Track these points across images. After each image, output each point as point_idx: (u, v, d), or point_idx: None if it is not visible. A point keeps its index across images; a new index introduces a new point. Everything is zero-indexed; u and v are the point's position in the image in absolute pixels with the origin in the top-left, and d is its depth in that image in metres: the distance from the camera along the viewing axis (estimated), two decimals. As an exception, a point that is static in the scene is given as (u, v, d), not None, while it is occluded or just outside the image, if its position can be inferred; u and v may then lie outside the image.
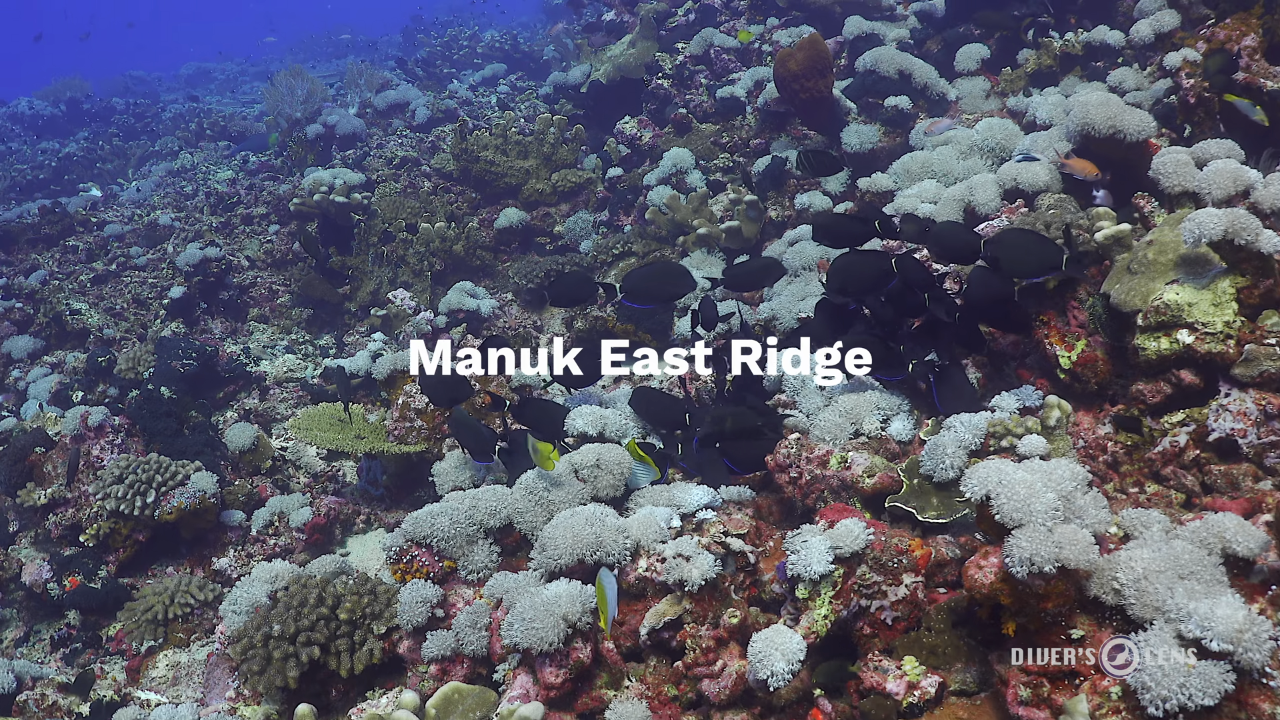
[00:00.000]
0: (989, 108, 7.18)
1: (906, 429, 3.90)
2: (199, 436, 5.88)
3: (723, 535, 3.37)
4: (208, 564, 5.41)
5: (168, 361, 7.01)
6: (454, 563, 3.67)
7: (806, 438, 3.82)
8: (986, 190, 5.21)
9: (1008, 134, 6.09)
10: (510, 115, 9.27)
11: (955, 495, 3.47)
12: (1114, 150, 4.97)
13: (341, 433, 5.40)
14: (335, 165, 9.92)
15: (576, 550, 3.28)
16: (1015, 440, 3.49)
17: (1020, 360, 4.52)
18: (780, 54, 6.73)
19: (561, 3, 19.91)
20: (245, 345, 7.75)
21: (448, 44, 16.16)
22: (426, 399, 5.23)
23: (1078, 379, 4.01)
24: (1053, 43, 6.96)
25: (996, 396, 3.82)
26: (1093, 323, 3.97)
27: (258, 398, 7.12)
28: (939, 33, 7.93)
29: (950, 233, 4.31)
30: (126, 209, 10.57)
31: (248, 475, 5.93)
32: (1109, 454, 3.76)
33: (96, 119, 17.87)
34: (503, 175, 8.84)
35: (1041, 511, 2.52)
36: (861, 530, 3.05)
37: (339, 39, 24.75)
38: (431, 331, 7.08)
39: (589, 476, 3.73)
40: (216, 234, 9.35)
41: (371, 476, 5.70)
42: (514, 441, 4.33)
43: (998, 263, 4.00)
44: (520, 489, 3.72)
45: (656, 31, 9.24)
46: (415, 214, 8.54)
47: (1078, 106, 5.01)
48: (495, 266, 8.44)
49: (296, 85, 10.88)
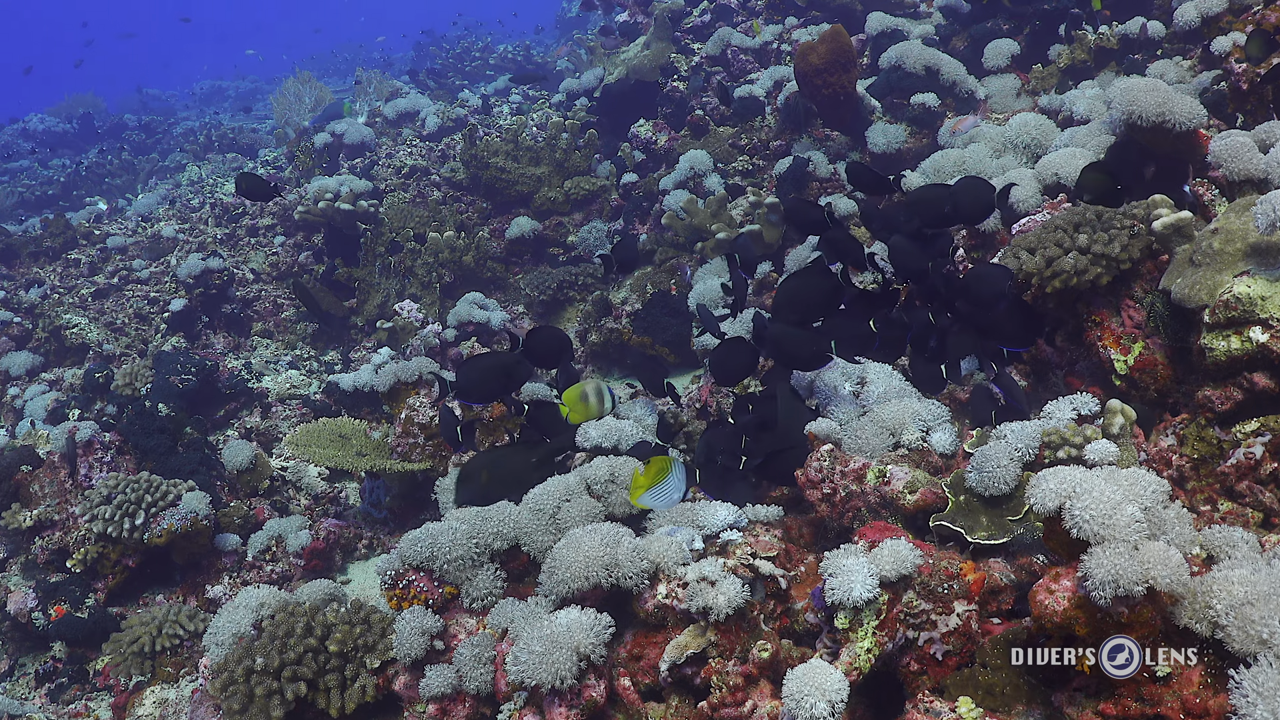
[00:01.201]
0: (1020, 106, 6.86)
1: (949, 440, 3.57)
2: (193, 455, 5.58)
3: (750, 558, 3.04)
4: (201, 591, 5.10)
5: (166, 377, 6.74)
6: (455, 589, 3.35)
7: (840, 450, 3.49)
8: (1025, 185, 4.89)
9: (1043, 130, 5.77)
10: (521, 119, 8.99)
11: (1008, 513, 3.14)
12: (1161, 140, 4.63)
13: (342, 450, 5.10)
14: (343, 173, 9.66)
15: (589, 574, 2.96)
16: (1074, 450, 3.15)
17: (1068, 368, 4.18)
18: (801, 47, 6.43)
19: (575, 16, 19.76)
20: (247, 360, 7.46)
21: (460, 56, 15.95)
22: (432, 414, 4.93)
23: (1135, 385, 3.67)
24: (1086, 36, 6.63)
25: (1050, 404, 3.48)
26: (1151, 322, 3.63)
27: (259, 415, 6.84)
28: (965, 29, 7.62)
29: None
30: (131, 221, 10.34)
31: (245, 496, 5.63)
32: (1174, 468, 3.41)
33: (108, 135, 17.74)
34: (514, 183, 8.56)
35: (1125, 525, 2.19)
36: (909, 551, 2.72)
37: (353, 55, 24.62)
38: (440, 345, 6.79)
39: (603, 492, 3.40)
40: (221, 246, 9.09)
41: (375, 498, 5.39)
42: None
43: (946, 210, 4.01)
44: (528, 507, 3.40)
45: (671, 32, 8.96)
46: (424, 223, 8.26)
47: (1122, 93, 4.68)
48: (506, 278, 8.15)
49: (304, 93, 10.64)
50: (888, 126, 6.59)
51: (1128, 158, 4.89)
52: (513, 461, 3.96)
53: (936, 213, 4.16)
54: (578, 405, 3.98)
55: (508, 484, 3.76)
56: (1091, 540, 2.21)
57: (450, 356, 6.91)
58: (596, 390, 4.01)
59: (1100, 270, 3.65)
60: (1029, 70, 7.00)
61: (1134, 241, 3.70)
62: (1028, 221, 4.40)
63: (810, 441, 3.53)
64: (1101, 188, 3.87)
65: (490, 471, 3.88)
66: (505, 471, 3.89)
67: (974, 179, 4.22)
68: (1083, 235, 3.68)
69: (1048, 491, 2.30)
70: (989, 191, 4.09)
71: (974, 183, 4.16)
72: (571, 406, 3.99)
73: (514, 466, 3.93)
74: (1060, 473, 2.34)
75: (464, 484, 3.89)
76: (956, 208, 4.12)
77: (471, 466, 3.92)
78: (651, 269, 6.86)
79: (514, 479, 3.79)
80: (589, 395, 3.99)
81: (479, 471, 3.88)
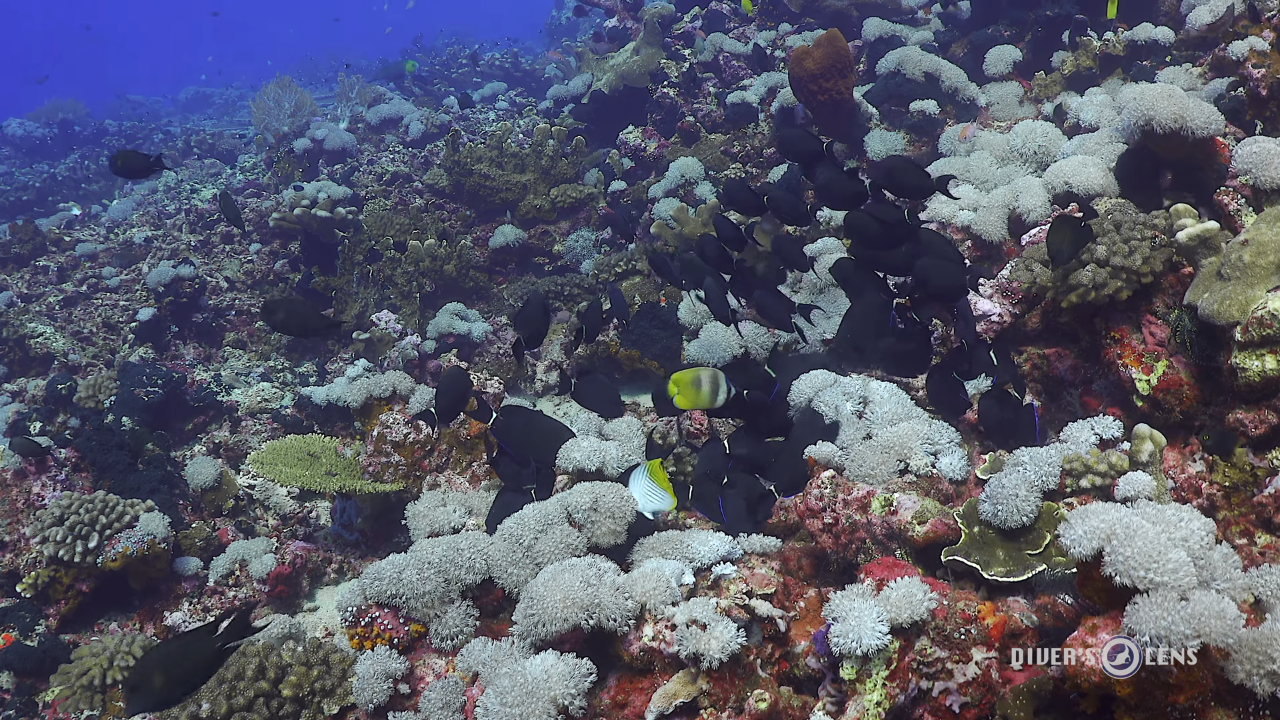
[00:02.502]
0: (1023, 114, 6.62)
1: (960, 466, 3.31)
2: (154, 472, 5.28)
3: (746, 597, 2.77)
4: (159, 618, 4.80)
5: (131, 389, 6.44)
6: (423, 626, 3.06)
7: (842, 476, 3.22)
8: (1034, 195, 4.65)
9: (1049, 137, 5.53)
10: (505, 125, 8.72)
11: (1027, 547, 2.87)
12: (1176, 149, 4.40)
13: (310, 469, 4.81)
14: (322, 178, 9.38)
15: (568, 615, 2.68)
16: (1098, 479, 2.90)
17: (1084, 386, 3.93)
18: (796, 51, 6.18)
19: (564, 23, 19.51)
20: (217, 373, 7.16)
21: (446, 62, 15.67)
22: (406, 431, 4.65)
23: (1159, 407, 3.42)
24: (1092, 42, 6.40)
25: (1069, 426, 3.22)
26: (1176, 339, 3.37)
27: (229, 429, 6.54)
28: (965, 35, 7.39)
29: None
30: (103, 228, 10.04)
31: (209, 516, 5.33)
32: (1204, 497, 3.16)
33: (89, 141, 17.40)
34: (498, 190, 8.29)
35: (1173, 571, 1.93)
36: (922, 592, 2.46)
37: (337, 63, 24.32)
38: (418, 357, 6.50)
39: (585, 521, 3.12)
40: (195, 253, 8.80)
41: (346, 519, 5.10)
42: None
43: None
44: (503, 537, 3.12)
45: (661, 37, 8.71)
46: (404, 231, 7.98)
47: (1136, 99, 4.44)
48: (490, 288, 7.87)
49: (284, 98, 10.35)
50: (886, 134, 6.35)
51: (1141, 166, 4.66)
52: None
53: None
54: (688, 389, 3.62)
55: None
56: (1136, 588, 1.95)
57: (429, 369, 6.63)
58: (713, 378, 3.65)
59: (1120, 284, 3.41)
60: (1031, 77, 6.77)
61: (1156, 253, 3.45)
62: (1038, 232, 4.16)
63: (810, 467, 3.26)
64: (1070, 243, 3.68)
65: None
66: None
67: (903, 160, 4.26)
68: (1101, 247, 3.43)
69: (1085, 533, 2.04)
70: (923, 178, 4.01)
71: (905, 164, 4.09)
72: (681, 390, 3.63)
73: None
74: (1097, 512, 2.07)
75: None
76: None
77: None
78: (640, 279, 6.59)
79: None
80: (703, 381, 3.65)
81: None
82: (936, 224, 4.88)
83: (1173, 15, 6.48)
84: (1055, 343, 4.11)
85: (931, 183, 3.91)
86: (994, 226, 4.66)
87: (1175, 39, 6.05)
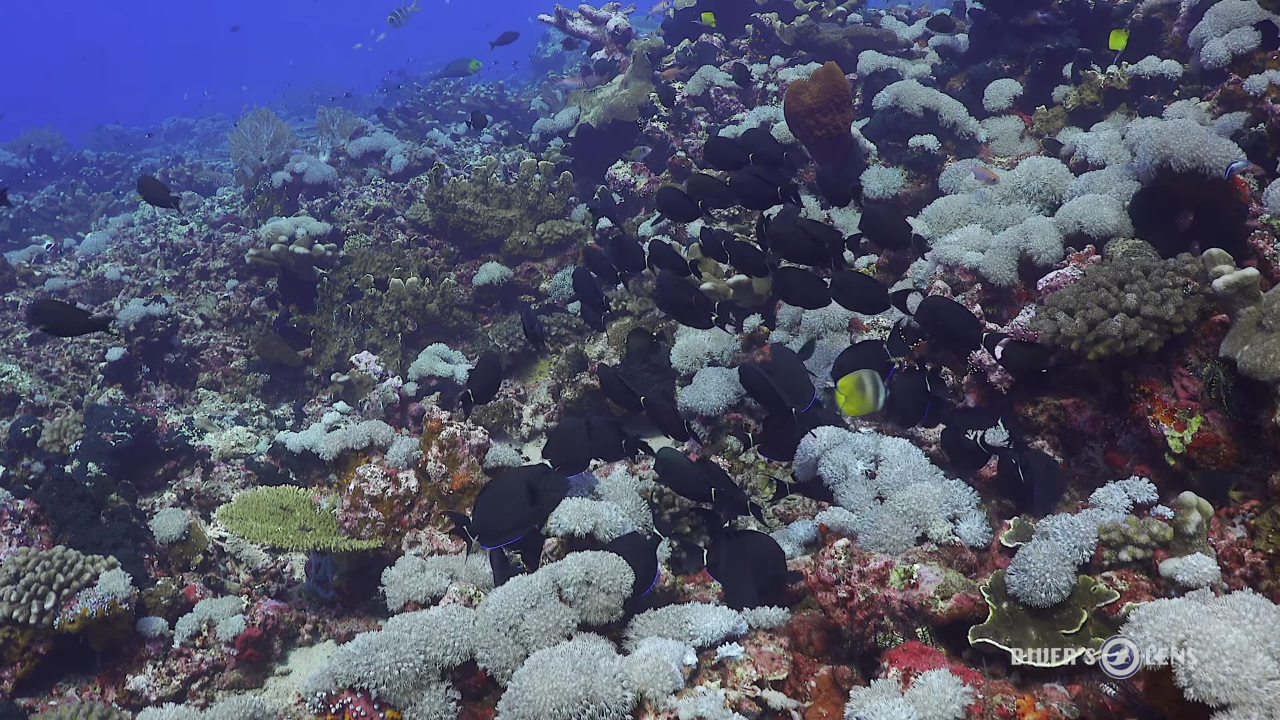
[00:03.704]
0: (1024, 149, 6.44)
1: (981, 531, 3.06)
2: (118, 525, 4.99)
3: (757, 687, 2.51)
4: (121, 682, 4.49)
5: (98, 433, 6.15)
6: (399, 713, 2.79)
7: (856, 544, 2.97)
8: (1045, 235, 4.43)
9: (1055, 175, 5.33)
10: (491, 159, 8.49)
11: (1061, 625, 2.62)
12: (1194, 187, 4.20)
13: (283, 524, 4.53)
14: (301, 212, 9.13)
15: (559, 708, 2.40)
16: (1139, 551, 2.65)
17: (1107, 440, 3.69)
18: (792, 85, 5.98)
19: (550, 56, 19.40)
20: (189, 416, 6.87)
21: (431, 95, 15.48)
22: (384, 485, 4.38)
23: (1194, 466, 3.18)
24: (1096, 76, 6.23)
25: (1100, 490, 2.98)
26: (1211, 394, 3.14)
27: (200, 475, 6.24)
28: (963, 68, 7.22)
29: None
30: (75, 262, 9.75)
31: (176, 571, 5.03)
32: (1247, 565, 2.92)
33: (66, 171, 17.14)
34: (483, 226, 8.05)
35: (1257, 683, 1.68)
36: (954, 688, 2.20)
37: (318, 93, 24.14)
38: (399, 400, 6.24)
39: (576, 596, 2.86)
40: (169, 289, 8.52)
41: (321, 575, 4.81)
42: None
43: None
44: (487, 614, 2.84)
45: (651, 70, 8.51)
46: (386, 268, 7.73)
47: (1152, 136, 4.24)
48: (474, 327, 7.62)
49: (262, 130, 10.11)
50: (884, 170, 6.14)
51: (1156, 206, 4.45)
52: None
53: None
54: (854, 395, 3.33)
55: None
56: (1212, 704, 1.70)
57: (411, 413, 6.36)
58: (873, 379, 3.39)
59: (1152, 335, 3.18)
60: (1032, 112, 6.60)
61: (1189, 302, 3.23)
62: (1056, 277, 3.93)
63: (822, 535, 3.01)
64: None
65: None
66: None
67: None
68: (1131, 294, 3.20)
69: (1154, 637, 1.79)
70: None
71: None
72: (848, 395, 3.37)
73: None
74: (1166, 610, 1.83)
75: None
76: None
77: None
78: (630, 321, 6.35)
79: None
80: (865, 384, 3.38)
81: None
82: (943, 266, 4.65)
83: (1176, 48, 6.32)
84: (1072, 392, 3.88)
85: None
86: (1004, 269, 4.44)
87: (1183, 72, 5.88)
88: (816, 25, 8.08)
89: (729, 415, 5.04)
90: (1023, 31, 6.93)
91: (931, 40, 7.73)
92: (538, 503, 3.25)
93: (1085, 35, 6.77)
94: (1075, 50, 6.58)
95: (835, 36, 7.90)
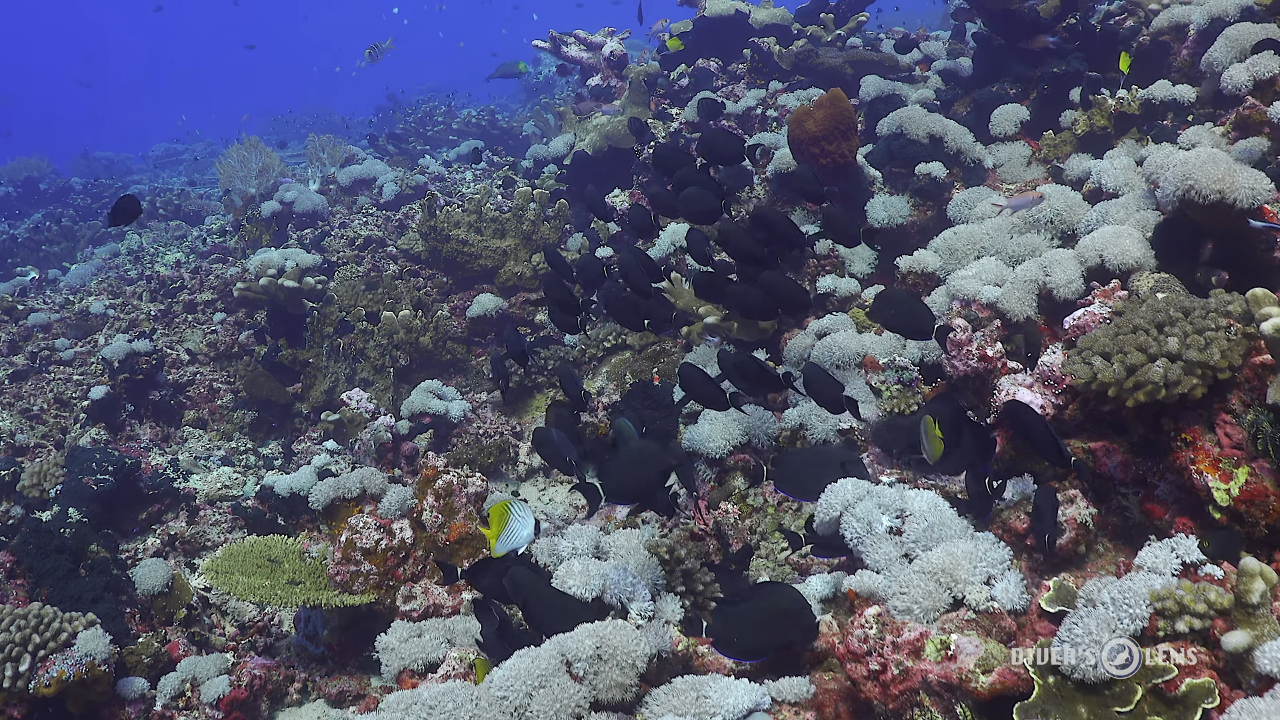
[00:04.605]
0: (1031, 175, 6.27)
1: (1017, 593, 2.86)
2: (98, 578, 4.77)
3: (788, 778, 2.30)
4: (99, 747, 4.27)
5: (79, 477, 5.93)
6: (396, 804, 2.58)
7: (887, 611, 2.76)
8: (1065, 269, 4.25)
9: (1069, 204, 5.16)
10: (484, 188, 8.30)
11: (1114, 703, 2.42)
12: (1220, 218, 4.03)
13: (271, 577, 4.31)
14: (291, 244, 8.93)
15: (572, 805, 2.20)
16: (1198, 621, 2.45)
17: (1140, 487, 3.49)
18: (796, 112, 5.81)
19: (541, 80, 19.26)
20: (174, 456, 6.63)
21: (422, 120, 15.31)
22: (378, 537, 4.17)
23: (1241, 520, 2.99)
24: (1106, 101, 6.07)
25: (1146, 551, 2.78)
26: (1259, 444, 2.95)
27: (185, 520, 6.02)
28: (967, 93, 7.06)
29: None
30: (59, 295, 9.53)
31: (159, 625, 4.81)
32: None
33: (53, 200, 16.91)
34: (477, 256, 7.86)
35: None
36: (1010, 787, 2.00)
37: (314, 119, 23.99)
38: (392, 440, 6.03)
39: (587, 672, 2.65)
40: (155, 322, 8.30)
41: (311, 629, 4.59)
42: (481, 605, 3.27)
43: None
44: (490, 694, 2.63)
45: (647, 97, 8.35)
46: (378, 300, 7.53)
47: (1176, 166, 4.07)
48: (468, 360, 7.41)
49: (251, 158, 9.91)
50: (890, 199, 5.97)
51: (1179, 237, 4.28)
52: None
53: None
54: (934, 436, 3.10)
55: None
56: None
57: (404, 452, 6.15)
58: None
59: (1196, 381, 2.98)
60: (1038, 137, 6.43)
61: (1233, 345, 3.04)
62: (1084, 315, 3.74)
63: (850, 601, 2.81)
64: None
65: None
66: None
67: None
68: (1172, 338, 3.01)
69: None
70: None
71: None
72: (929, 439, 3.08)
73: None
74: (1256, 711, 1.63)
75: None
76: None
77: None
78: (631, 355, 6.15)
79: None
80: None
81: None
82: (960, 301, 4.47)
83: (1185, 71, 6.17)
84: (1100, 434, 3.69)
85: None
86: (1023, 303, 4.26)
87: (1195, 97, 5.73)
88: (816, 50, 7.93)
89: (736, 456, 4.84)
90: (1028, 55, 6.78)
91: (935, 65, 7.59)
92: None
93: (1092, 59, 6.62)
94: (1083, 74, 6.43)
95: (835, 61, 7.75)
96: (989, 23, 6.94)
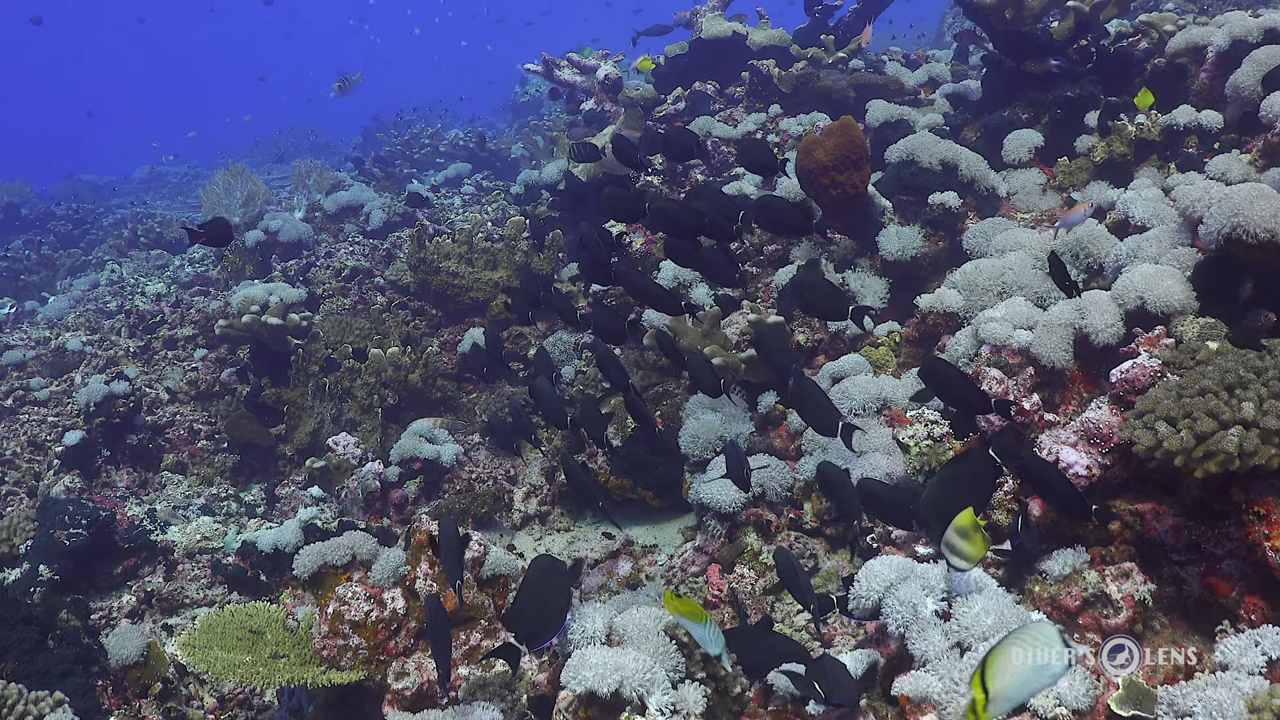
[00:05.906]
0: (1046, 204, 6.01)
1: (1083, 690, 2.56)
2: (68, 650, 4.44)
3: None
4: (66, 838, 3.93)
5: (51, 531, 5.60)
6: None
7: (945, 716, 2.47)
8: (1103, 312, 3.98)
9: (1092, 236, 4.91)
10: (475, 217, 8.01)
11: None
12: (1269, 257, 3.76)
13: (252, 651, 3.98)
14: (275, 277, 8.61)
15: None
16: (1299, 738, 2.17)
17: (1196, 555, 3.20)
18: (805, 141, 5.54)
19: (527, 100, 19.01)
20: (151, 506, 6.30)
21: (408, 142, 15.01)
22: (367, 608, 3.85)
23: (1323, 603, 2.71)
24: (1126, 126, 5.81)
25: (1228, 645, 2.49)
26: (1341, 518, 2.67)
27: (163, 575, 5.69)
28: (976, 118, 6.81)
29: None
30: (36, 330, 9.19)
31: (134, 698, 4.48)
32: None
33: (34, 225, 16.55)
34: (468, 289, 7.56)
35: None
36: None
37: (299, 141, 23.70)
38: (380, 488, 5.72)
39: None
40: (134, 360, 7.98)
41: (295, 703, 4.26)
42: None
43: None
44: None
45: (643, 121, 8.08)
46: (365, 336, 7.22)
47: (1221, 202, 3.81)
48: (459, 398, 7.11)
49: (235, 185, 9.60)
50: (902, 230, 5.69)
51: (1222, 276, 4.02)
52: None
53: None
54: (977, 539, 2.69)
55: None
56: None
57: (393, 500, 5.84)
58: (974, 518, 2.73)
59: (1274, 451, 2.70)
60: (1052, 163, 6.18)
61: (1312, 410, 2.76)
62: (1133, 368, 3.44)
63: (902, 706, 2.51)
64: None
65: None
66: None
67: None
68: (1248, 404, 2.73)
69: None
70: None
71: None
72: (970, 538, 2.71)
73: None
74: None
75: None
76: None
77: None
78: (632, 396, 5.85)
79: None
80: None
81: None
82: (990, 347, 4.19)
83: (1204, 95, 5.92)
84: (1147, 495, 3.41)
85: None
86: (1058, 350, 3.97)
87: (1221, 124, 5.48)
88: (817, 72, 7.67)
89: (748, 511, 4.55)
90: (1039, 79, 6.53)
91: (942, 88, 7.34)
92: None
93: (1106, 82, 6.37)
94: (1098, 98, 6.17)
95: (837, 84, 7.49)
96: (999, 45, 6.69)
